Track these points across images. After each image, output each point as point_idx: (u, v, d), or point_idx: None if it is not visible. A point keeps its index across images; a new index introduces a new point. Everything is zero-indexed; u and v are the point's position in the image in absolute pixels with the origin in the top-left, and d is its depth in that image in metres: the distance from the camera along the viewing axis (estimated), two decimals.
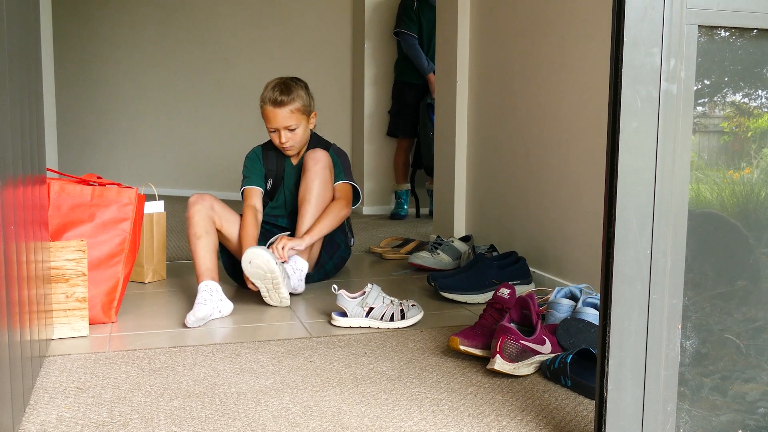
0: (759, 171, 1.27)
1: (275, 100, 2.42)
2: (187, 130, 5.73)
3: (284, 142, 2.47)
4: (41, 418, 1.40)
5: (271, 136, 2.52)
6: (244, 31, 5.47)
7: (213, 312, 2.10)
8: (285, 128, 2.45)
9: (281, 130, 2.45)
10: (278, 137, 2.47)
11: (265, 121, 2.48)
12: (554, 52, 2.45)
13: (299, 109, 2.45)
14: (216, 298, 2.13)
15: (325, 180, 2.40)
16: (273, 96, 2.43)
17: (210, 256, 2.26)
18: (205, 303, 2.09)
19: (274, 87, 2.45)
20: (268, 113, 2.45)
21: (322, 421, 1.40)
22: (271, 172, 2.58)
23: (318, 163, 2.39)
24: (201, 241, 2.27)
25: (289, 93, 2.43)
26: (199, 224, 2.30)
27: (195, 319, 2.03)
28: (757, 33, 1.21)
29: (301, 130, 2.48)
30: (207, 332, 2.00)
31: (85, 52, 5.95)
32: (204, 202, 2.33)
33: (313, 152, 2.42)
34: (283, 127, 2.45)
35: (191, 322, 2.03)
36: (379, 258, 3.17)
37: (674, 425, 1.21)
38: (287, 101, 2.43)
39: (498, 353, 1.63)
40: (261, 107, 2.48)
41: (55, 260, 1.88)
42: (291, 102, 2.43)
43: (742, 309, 1.27)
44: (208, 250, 2.27)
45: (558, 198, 2.45)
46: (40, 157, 1.74)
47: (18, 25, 1.41)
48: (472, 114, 3.11)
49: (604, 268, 1.17)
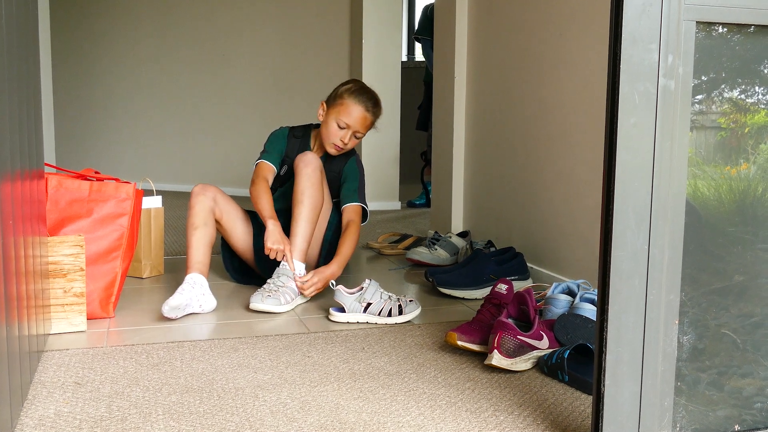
0: (756, 167, 1.27)
1: (369, 107, 2.46)
2: (185, 125, 5.73)
3: (347, 143, 2.46)
4: (39, 413, 1.40)
5: (332, 130, 2.44)
6: (242, 26, 5.46)
7: (191, 304, 2.08)
8: (355, 132, 2.45)
9: (353, 131, 2.45)
10: (344, 136, 2.44)
11: (343, 115, 2.42)
12: (552, 48, 2.45)
13: (374, 124, 2.51)
14: (198, 292, 2.12)
15: (317, 182, 2.33)
16: (369, 101, 2.46)
17: (203, 249, 2.25)
18: (182, 293, 2.08)
19: (371, 94, 2.49)
20: (354, 111, 2.43)
21: (320, 416, 1.41)
22: (289, 159, 2.53)
23: (309, 166, 2.32)
24: (197, 232, 2.26)
25: (379, 106, 2.51)
26: (199, 215, 2.29)
27: (169, 308, 2.01)
28: (755, 29, 1.22)
29: (360, 141, 2.55)
30: (204, 328, 2.01)
31: (83, 47, 5.93)
32: (207, 193, 2.32)
33: (303, 155, 2.36)
34: (355, 131, 2.45)
35: (165, 311, 2.01)
36: (377, 253, 3.17)
37: (671, 420, 1.21)
38: (378, 113, 2.49)
39: (495, 349, 1.64)
40: (344, 100, 2.44)
41: (52, 255, 1.87)
42: (377, 115, 2.50)
43: (738, 304, 1.27)
44: (202, 243, 2.26)
45: (555, 194, 2.45)
46: (38, 151, 1.74)
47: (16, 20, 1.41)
48: (470, 110, 3.11)
49: (602, 263, 1.17)
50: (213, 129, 5.63)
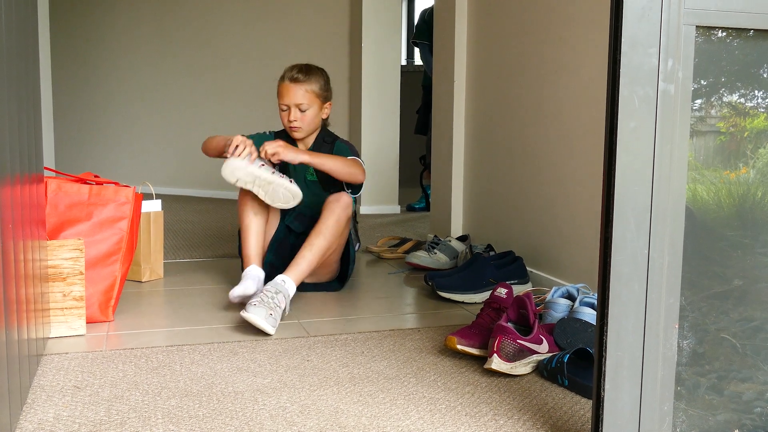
0: (755, 171, 1.27)
1: (292, 77, 2.45)
2: (185, 128, 5.73)
3: (292, 120, 2.45)
4: (39, 417, 1.40)
5: (281, 116, 2.50)
6: (240, 28, 5.47)
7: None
8: (296, 106, 2.44)
9: (292, 107, 2.45)
10: (288, 115, 2.46)
11: (279, 98, 2.47)
12: (552, 52, 2.46)
13: (314, 91, 2.46)
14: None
15: (343, 221, 2.34)
16: (291, 73, 2.46)
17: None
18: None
19: (294, 66, 2.49)
20: (283, 89, 2.46)
21: (320, 420, 1.40)
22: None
23: (338, 202, 2.34)
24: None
25: (308, 73, 2.46)
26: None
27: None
28: (754, 33, 1.22)
29: (311, 113, 2.47)
30: (204, 331, 2.00)
31: (83, 51, 5.94)
32: None
33: (338, 194, 2.37)
34: (295, 105, 2.44)
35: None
36: (376, 257, 3.17)
37: (671, 424, 1.21)
38: (304, 80, 2.44)
39: (495, 353, 1.63)
40: (278, 86, 2.48)
41: (52, 259, 1.87)
42: (307, 82, 2.45)
43: (738, 309, 1.27)
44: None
45: (555, 197, 2.45)
46: (38, 155, 1.74)
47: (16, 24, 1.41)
48: (469, 114, 3.11)
49: (602, 267, 1.17)
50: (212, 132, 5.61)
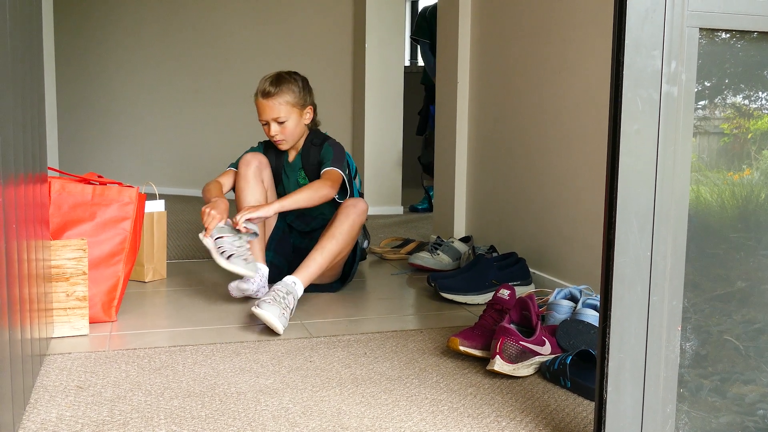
0: (759, 173, 1.27)
1: (264, 91, 2.43)
2: (188, 129, 5.74)
3: (273, 135, 2.46)
4: (41, 417, 1.40)
5: (264, 129, 2.50)
6: (244, 29, 5.48)
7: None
8: (274, 120, 2.44)
9: (270, 122, 2.45)
10: (269, 130, 2.46)
11: (258, 115, 2.47)
12: (555, 54, 2.45)
13: (289, 102, 2.44)
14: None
15: (357, 227, 2.37)
16: (263, 87, 2.44)
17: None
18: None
19: (266, 79, 2.47)
20: (258, 105, 2.46)
21: (322, 421, 1.40)
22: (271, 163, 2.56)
23: (354, 207, 2.37)
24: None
25: (279, 85, 2.43)
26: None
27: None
28: (758, 35, 1.22)
29: (291, 123, 2.46)
30: (207, 332, 2.01)
31: (86, 51, 5.95)
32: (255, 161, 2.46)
33: (355, 200, 2.41)
34: (272, 119, 2.44)
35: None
36: (379, 258, 3.17)
37: (674, 427, 1.21)
38: (275, 93, 2.42)
39: (498, 354, 1.63)
40: (254, 101, 2.49)
41: (55, 259, 1.88)
42: (279, 94, 2.42)
43: (741, 311, 1.27)
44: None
45: (558, 199, 2.45)
46: (42, 155, 1.74)
47: (20, 25, 1.41)
48: (472, 115, 3.11)
49: (605, 269, 1.17)
50: (216, 133, 5.63)
